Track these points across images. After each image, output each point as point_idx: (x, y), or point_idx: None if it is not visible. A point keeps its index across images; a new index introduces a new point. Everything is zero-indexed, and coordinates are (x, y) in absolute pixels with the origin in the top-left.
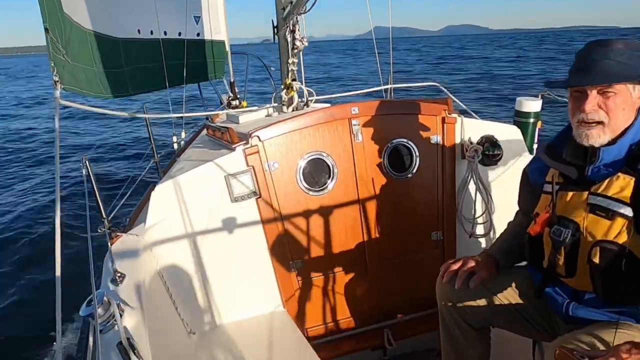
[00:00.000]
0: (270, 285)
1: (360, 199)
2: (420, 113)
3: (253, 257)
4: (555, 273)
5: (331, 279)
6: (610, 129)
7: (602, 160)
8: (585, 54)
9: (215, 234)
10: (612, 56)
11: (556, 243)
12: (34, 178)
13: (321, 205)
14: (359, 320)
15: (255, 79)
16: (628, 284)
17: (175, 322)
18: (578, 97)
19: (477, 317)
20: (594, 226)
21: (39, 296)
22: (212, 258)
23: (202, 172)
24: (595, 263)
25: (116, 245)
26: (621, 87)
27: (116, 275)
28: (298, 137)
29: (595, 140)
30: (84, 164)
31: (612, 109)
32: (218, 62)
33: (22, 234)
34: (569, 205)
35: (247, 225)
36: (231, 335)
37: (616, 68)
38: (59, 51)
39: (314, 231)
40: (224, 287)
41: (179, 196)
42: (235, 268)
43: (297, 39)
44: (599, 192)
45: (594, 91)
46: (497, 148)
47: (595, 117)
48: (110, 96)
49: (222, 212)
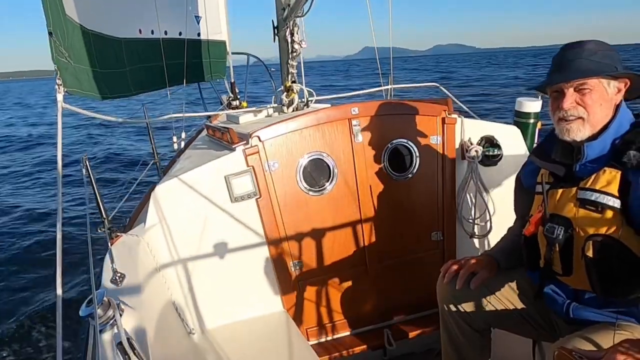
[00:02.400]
0: (270, 285)
1: (360, 199)
2: (420, 114)
3: (253, 258)
4: (553, 272)
5: (331, 279)
6: (590, 123)
7: (587, 157)
8: (561, 56)
9: (215, 234)
10: (585, 55)
11: (550, 240)
12: (34, 178)
13: (321, 206)
14: (359, 320)
15: (256, 80)
16: (623, 277)
17: (175, 322)
18: (556, 96)
19: (477, 318)
20: (585, 220)
21: (39, 296)
22: (212, 258)
23: (202, 172)
24: (590, 257)
25: (116, 245)
26: (596, 83)
27: (116, 275)
28: (298, 137)
29: (576, 133)
30: (84, 164)
31: (590, 104)
32: (219, 62)
33: (23, 234)
34: (559, 202)
35: (247, 225)
36: (231, 335)
37: (589, 65)
38: (62, 54)
39: (313, 231)
40: (223, 287)
41: (179, 196)
42: (235, 268)
43: (296, 42)
44: (587, 187)
45: (571, 89)
46: (497, 148)
47: (574, 113)
48: (112, 96)
49: (222, 212)
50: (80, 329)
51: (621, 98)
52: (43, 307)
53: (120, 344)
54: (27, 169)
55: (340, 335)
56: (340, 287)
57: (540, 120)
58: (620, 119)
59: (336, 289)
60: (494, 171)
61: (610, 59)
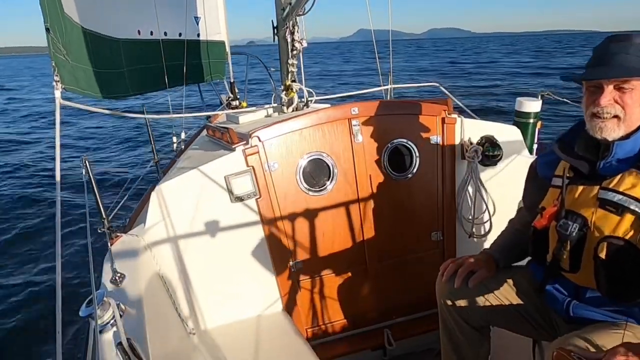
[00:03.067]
0: (270, 285)
1: (360, 199)
2: (420, 113)
3: (253, 258)
4: (559, 267)
5: (331, 279)
6: (626, 124)
7: (615, 155)
8: (603, 48)
9: (215, 234)
10: (632, 51)
11: (562, 237)
12: (35, 178)
13: (321, 206)
14: (358, 320)
15: (256, 80)
16: (632, 281)
17: (175, 322)
18: (593, 91)
19: (477, 316)
20: (602, 221)
21: (39, 296)
22: (212, 258)
23: (202, 173)
24: (602, 258)
25: (116, 245)
26: (638, 83)
27: (116, 275)
28: (298, 137)
29: (610, 133)
30: (84, 164)
31: (629, 104)
32: (218, 63)
33: (22, 234)
34: (578, 199)
35: (247, 225)
36: (231, 335)
37: (634, 63)
38: (60, 51)
39: (313, 231)
40: (223, 287)
41: (179, 196)
42: (235, 268)
43: (297, 40)
44: (610, 187)
45: (610, 86)
46: (497, 148)
47: (610, 111)
48: (111, 97)
49: (222, 213)
50: (80, 329)
51: None
52: (43, 307)
53: (120, 344)
54: (26, 168)
55: (340, 335)
56: (340, 287)
57: (540, 120)
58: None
59: (336, 289)
60: (494, 171)
61: None
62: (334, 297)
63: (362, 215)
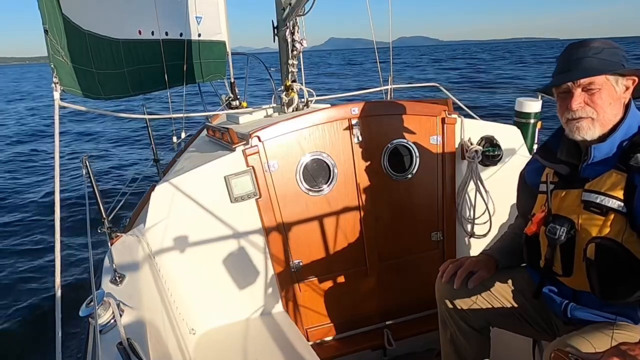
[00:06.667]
0: (270, 285)
1: (360, 199)
2: (420, 114)
3: (253, 258)
4: (553, 272)
5: (331, 279)
6: (600, 123)
7: (594, 158)
8: (566, 56)
9: (215, 234)
10: (591, 54)
11: (551, 241)
12: (34, 178)
13: (321, 206)
14: (359, 320)
15: (256, 80)
16: (623, 281)
17: (175, 322)
18: (564, 97)
19: (476, 317)
20: (588, 223)
21: (39, 296)
22: (212, 258)
23: (202, 173)
24: (591, 260)
25: (116, 245)
26: (603, 82)
27: (116, 275)
28: (298, 137)
29: (586, 132)
30: (84, 164)
31: (599, 104)
32: (219, 63)
33: (22, 234)
34: (563, 203)
35: (247, 225)
36: (231, 335)
37: (596, 64)
38: (58, 52)
39: (313, 232)
40: (223, 287)
41: (179, 196)
42: (235, 268)
43: (297, 41)
44: (592, 189)
45: (579, 89)
46: (497, 148)
47: (582, 114)
48: (110, 97)
49: (222, 213)
50: (80, 329)
51: (629, 96)
52: (42, 307)
53: (120, 344)
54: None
55: (340, 336)
56: (340, 287)
57: (541, 120)
58: (629, 120)
59: (336, 289)
60: (494, 171)
61: (616, 56)
62: (334, 297)
63: (362, 215)
